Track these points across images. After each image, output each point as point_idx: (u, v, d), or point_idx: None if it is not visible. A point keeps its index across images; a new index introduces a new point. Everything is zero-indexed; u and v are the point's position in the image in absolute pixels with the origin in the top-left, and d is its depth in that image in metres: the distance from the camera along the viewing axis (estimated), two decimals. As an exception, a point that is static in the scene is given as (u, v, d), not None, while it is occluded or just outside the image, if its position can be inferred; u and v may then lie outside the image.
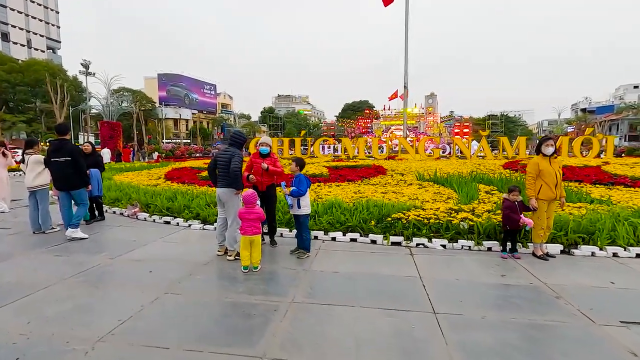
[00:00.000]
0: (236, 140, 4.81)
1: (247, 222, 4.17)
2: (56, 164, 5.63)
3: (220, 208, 4.85)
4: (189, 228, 6.47)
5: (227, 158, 4.62)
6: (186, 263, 4.52)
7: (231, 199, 4.65)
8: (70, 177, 5.67)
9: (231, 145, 4.79)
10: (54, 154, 5.63)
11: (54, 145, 5.72)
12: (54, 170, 5.72)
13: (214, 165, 4.84)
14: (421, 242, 5.30)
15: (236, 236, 4.70)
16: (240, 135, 4.87)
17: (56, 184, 5.75)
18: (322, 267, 4.41)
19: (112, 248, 5.19)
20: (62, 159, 5.60)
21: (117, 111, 28.04)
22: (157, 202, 7.31)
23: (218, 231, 4.89)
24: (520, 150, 16.17)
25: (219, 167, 4.72)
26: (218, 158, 4.76)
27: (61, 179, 5.68)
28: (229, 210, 4.68)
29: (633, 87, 79.39)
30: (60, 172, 5.64)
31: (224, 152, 4.73)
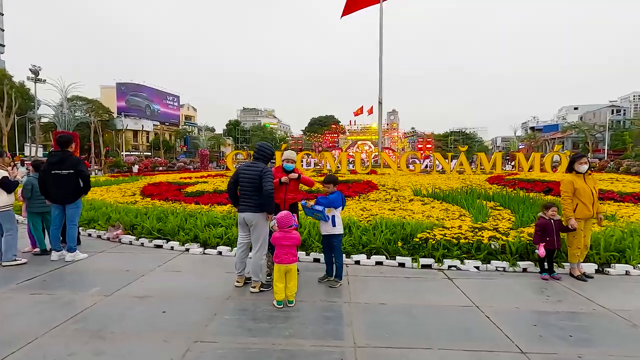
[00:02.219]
0: (263, 154, 4.20)
1: (283, 248, 3.59)
2: (57, 177, 5.13)
3: (242, 232, 4.21)
4: (187, 253, 5.68)
5: (254, 175, 4.02)
6: (204, 299, 3.81)
7: (260, 223, 4.04)
8: (70, 190, 5.22)
9: (257, 159, 4.18)
10: (55, 166, 5.14)
11: (57, 157, 5.21)
12: (52, 183, 5.14)
13: (235, 183, 4.20)
14: (453, 264, 4.95)
15: (262, 265, 4.09)
16: (267, 149, 4.26)
17: (52, 197, 5.20)
18: (364, 298, 3.89)
19: (103, 281, 4.34)
20: (64, 171, 5.15)
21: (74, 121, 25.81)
22: (144, 223, 6.42)
23: (238, 259, 4.23)
24: (497, 165, 16.70)
25: (243, 185, 4.09)
26: (242, 174, 4.13)
27: (60, 192, 5.18)
28: (255, 235, 4.05)
29: (573, 109, 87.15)
30: (61, 185, 5.16)
31: (249, 168, 4.11)
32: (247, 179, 4.06)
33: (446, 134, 77.11)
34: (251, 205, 4.03)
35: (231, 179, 4.26)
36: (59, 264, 5.02)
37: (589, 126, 57.20)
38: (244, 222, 4.11)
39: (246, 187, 4.07)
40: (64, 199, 5.19)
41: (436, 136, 75.99)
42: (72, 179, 5.19)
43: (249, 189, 4.05)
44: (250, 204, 4.03)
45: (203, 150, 49.43)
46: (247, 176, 4.06)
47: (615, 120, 58.42)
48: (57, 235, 5.26)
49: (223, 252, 5.58)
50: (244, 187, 4.09)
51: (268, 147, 4.29)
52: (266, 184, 3.94)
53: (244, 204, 4.09)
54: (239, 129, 74.76)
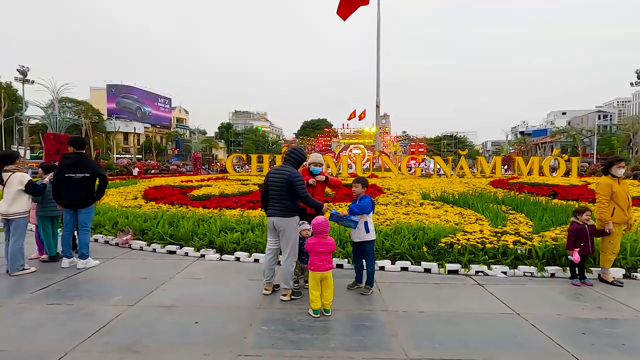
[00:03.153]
0: (294, 158, 4.03)
1: (318, 255, 3.45)
2: (71, 181, 4.91)
3: (272, 237, 4.05)
4: (202, 259, 5.48)
5: (283, 179, 3.86)
6: (234, 309, 3.64)
7: (289, 228, 3.88)
8: (84, 195, 5.00)
9: (287, 162, 4.02)
10: (69, 169, 4.90)
11: (72, 160, 4.97)
12: (66, 187, 4.91)
13: (267, 188, 4.04)
14: (480, 270, 4.86)
15: (292, 272, 3.93)
16: (299, 152, 4.10)
17: (65, 201, 4.97)
18: (399, 306, 3.77)
19: (122, 290, 4.12)
20: (79, 175, 4.93)
21: (65, 122, 25.21)
22: (155, 228, 6.19)
23: (267, 266, 4.06)
24: (497, 169, 16.81)
25: (272, 189, 3.93)
26: (271, 178, 3.98)
27: (74, 196, 4.95)
28: (285, 241, 3.89)
29: (561, 113, 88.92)
30: (75, 189, 4.93)
31: (278, 172, 3.96)
32: (276, 183, 3.91)
33: (437, 138, 77.83)
34: (281, 209, 3.87)
35: (264, 185, 4.10)
36: (71, 272, 4.78)
37: (577, 131, 58.44)
38: (273, 227, 3.95)
39: (275, 191, 3.92)
40: (77, 203, 4.96)
41: (428, 140, 76.70)
42: (86, 182, 4.97)
43: (277, 193, 3.89)
44: (280, 208, 3.88)
45: (196, 153, 48.83)
46: (276, 180, 3.91)
47: (602, 125, 59.83)
48: (69, 241, 5.02)
49: (241, 258, 5.40)
50: (273, 191, 3.93)
51: (300, 151, 4.13)
52: (299, 191, 3.81)
53: (273, 208, 3.93)
54: (231, 131, 74.14)
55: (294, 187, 3.81)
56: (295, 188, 3.80)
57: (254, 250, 5.52)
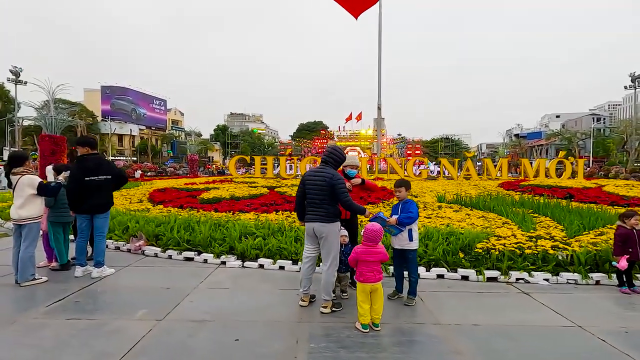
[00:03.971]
0: (334, 158, 3.73)
1: (367, 265, 3.16)
2: (91, 184, 4.58)
3: (310, 245, 3.75)
4: (223, 266, 5.16)
5: (324, 182, 3.57)
6: (273, 323, 3.34)
7: (332, 234, 3.60)
8: (103, 199, 4.72)
9: (326, 163, 3.72)
10: (91, 172, 4.58)
11: (93, 162, 4.65)
12: (86, 191, 4.56)
13: (304, 192, 3.75)
14: (521, 277, 4.61)
15: (334, 282, 3.64)
16: (339, 152, 3.80)
17: (84, 206, 4.61)
18: (449, 317, 3.49)
19: (145, 302, 3.80)
20: (102, 177, 4.64)
21: (62, 124, 24.58)
22: (170, 234, 5.85)
23: (304, 275, 3.76)
24: (503, 171, 16.67)
25: (311, 192, 3.65)
26: (309, 181, 3.69)
27: (93, 201, 4.62)
28: (326, 249, 3.60)
29: (555, 117, 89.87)
30: (95, 193, 4.60)
31: (317, 174, 3.66)
32: (316, 186, 3.62)
33: (433, 140, 77.95)
34: (322, 214, 3.58)
35: (299, 188, 3.81)
36: (85, 281, 4.43)
37: (571, 133, 58.90)
38: (313, 234, 3.66)
39: (315, 194, 3.63)
40: (95, 208, 4.64)
41: (423, 142, 76.84)
42: (107, 186, 4.69)
43: (318, 197, 3.61)
44: (321, 213, 3.59)
45: (192, 155, 48.21)
46: (316, 183, 3.62)
47: (595, 128, 60.43)
48: (84, 248, 4.67)
49: (265, 265, 5.09)
50: (313, 195, 3.64)
51: (339, 151, 3.83)
52: (341, 195, 3.53)
53: (313, 213, 3.64)
54: (228, 133, 73.54)
55: (335, 191, 3.53)
56: (337, 191, 3.52)
57: (278, 256, 5.22)
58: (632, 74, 45.75)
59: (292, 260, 5.13)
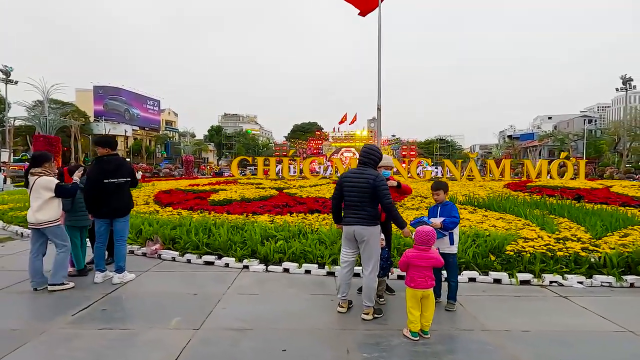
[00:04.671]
0: (372, 158, 3.57)
1: (419, 270, 3.04)
2: (111, 187, 4.37)
3: (348, 249, 3.61)
4: (246, 270, 4.99)
5: (366, 184, 3.43)
6: (316, 331, 3.20)
7: (374, 238, 3.47)
8: (124, 202, 4.56)
9: (365, 164, 3.57)
10: (110, 174, 4.38)
11: (113, 163, 4.46)
12: (105, 194, 4.35)
13: (341, 194, 3.62)
14: (554, 280, 4.53)
15: (376, 287, 3.51)
16: (377, 151, 3.65)
17: (102, 209, 4.41)
18: (495, 323, 3.39)
19: (176, 309, 3.62)
20: (122, 179, 4.46)
21: (56, 124, 24.16)
22: (188, 236, 5.66)
23: (342, 280, 3.62)
24: (506, 172, 16.73)
25: (352, 194, 3.51)
26: (348, 182, 3.55)
27: (113, 204, 4.42)
28: (368, 253, 3.47)
29: (547, 118, 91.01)
30: (115, 196, 4.41)
31: (358, 175, 3.52)
32: (358, 188, 3.48)
33: (427, 141, 78.36)
34: (364, 217, 3.45)
35: (336, 190, 3.66)
36: (107, 287, 4.24)
37: (564, 135, 59.68)
38: (353, 238, 3.52)
39: (355, 196, 3.49)
40: (115, 212, 4.46)
41: (418, 143, 77.23)
42: (127, 188, 4.56)
43: (359, 199, 3.47)
44: (363, 216, 3.45)
45: (188, 156, 47.80)
46: (358, 184, 3.49)
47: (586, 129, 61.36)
48: (103, 253, 4.48)
49: (290, 269, 4.94)
50: (353, 197, 3.51)
51: (378, 150, 3.68)
52: (384, 198, 3.39)
53: (354, 216, 3.50)
54: (222, 134, 73.01)
55: (378, 193, 3.40)
56: (380, 194, 3.39)
57: (303, 260, 5.07)
58: (624, 76, 46.51)
59: (318, 263, 4.99)
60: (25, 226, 7.50)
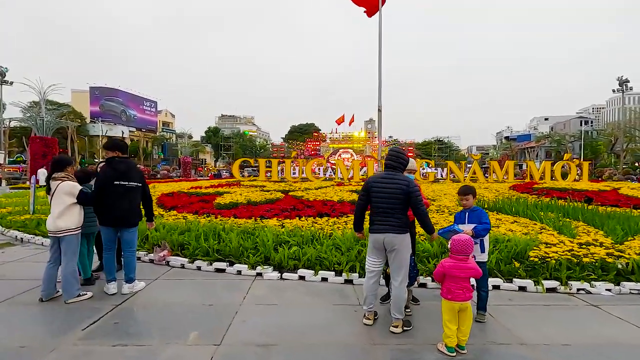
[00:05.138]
0: (401, 162, 3.42)
1: (457, 281, 2.87)
2: (121, 190, 4.09)
3: (375, 257, 3.43)
4: (260, 278, 4.80)
5: (399, 189, 3.26)
6: (346, 347, 3.01)
7: (405, 247, 3.30)
8: (135, 209, 4.27)
9: (394, 168, 3.39)
10: (121, 176, 4.09)
11: (124, 165, 4.16)
12: (113, 199, 4.04)
13: (367, 199, 3.44)
14: (582, 287, 4.37)
15: (406, 298, 3.34)
16: (404, 154, 3.50)
17: (110, 215, 4.09)
18: (531, 335, 3.22)
19: (192, 322, 3.42)
20: (132, 184, 4.16)
21: (53, 125, 23.78)
22: (197, 242, 5.46)
23: (368, 290, 3.44)
24: (509, 173, 16.64)
25: (381, 201, 3.34)
26: (376, 189, 3.38)
27: (123, 210, 4.11)
28: (398, 262, 3.29)
29: (544, 119, 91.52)
30: (124, 201, 4.11)
31: (388, 181, 3.34)
32: (388, 194, 3.30)
33: (425, 142, 78.47)
34: (394, 225, 3.28)
35: (362, 195, 3.49)
36: (117, 298, 4.02)
37: (560, 136, 59.94)
38: (382, 246, 3.35)
39: (386, 202, 3.32)
40: (122, 221, 4.15)
41: (415, 144, 77.29)
42: (137, 194, 4.25)
43: (390, 206, 3.30)
44: (393, 223, 3.28)
45: (185, 157, 47.48)
46: (388, 190, 3.31)
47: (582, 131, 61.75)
48: (114, 262, 4.26)
49: (306, 276, 4.75)
50: (382, 204, 3.33)
51: (405, 153, 3.54)
52: (419, 204, 3.26)
53: (383, 223, 3.32)
54: (220, 135, 72.61)
55: (412, 200, 3.24)
56: (414, 201, 3.24)
57: (318, 267, 4.89)
58: (620, 77, 46.79)
59: (335, 271, 4.80)
60: (25, 231, 7.25)
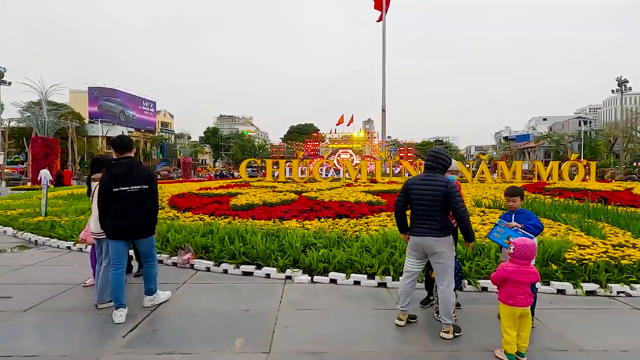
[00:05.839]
0: (441, 163, 3.31)
1: (519, 286, 2.76)
2: (123, 196, 3.50)
3: (414, 259, 3.35)
4: (290, 282, 4.68)
5: (438, 191, 3.15)
6: (400, 354, 2.92)
7: (449, 250, 3.21)
8: (141, 217, 3.61)
9: (433, 169, 3.29)
10: (120, 181, 3.51)
11: (122, 167, 3.56)
12: (117, 207, 3.51)
13: (406, 202, 3.35)
14: (622, 290, 4.29)
15: (455, 302, 3.23)
16: (446, 155, 3.38)
17: (116, 227, 3.54)
18: (587, 341, 3.13)
19: (232, 329, 3.31)
20: (134, 187, 3.53)
21: (55, 126, 23.55)
22: (223, 245, 5.33)
23: (404, 290, 3.36)
24: (517, 174, 16.60)
25: (420, 203, 3.25)
26: (415, 190, 3.28)
27: (128, 220, 3.53)
28: (443, 265, 3.19)
29: (542, 119, 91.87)
30: (128, 209, 3.52)
31: (427, 182, 3.24)
32: (427, 196, 3.20)
33: (424, 143, 78.53)
34: (434, 228, 3.18)
35: (400, 196, 3.40)
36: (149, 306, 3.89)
37: (559, 136, 60.17)
38: (422, 249, 3.26)
39: (425, 205, 3.22)
40: (132, 231, 3.60)
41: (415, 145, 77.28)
42: (145, 198, 3.60)
43: (429, 208, 3.20)
44: (433, 226, 3.18)
45: (186, 158, 47.24)
46: (427, 192, 3.21)
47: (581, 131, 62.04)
48: (123, 283, 3.60)
49: (338, 280, 4.64)
50: (421, 206, 3.24)
51: (445, 154, 3.42)
52: (458, 205, 3.11)
53: (423, 226, 3.24)
54: (220, 136, 72.37)
55: (451, 201, 3.11)
56: (453, 201, 3.10)
57: (350, 270, 4.78)
58: (619, 77, 47.02)
59: (367, 274, 4.69)
60: (39, 233, 7.10)
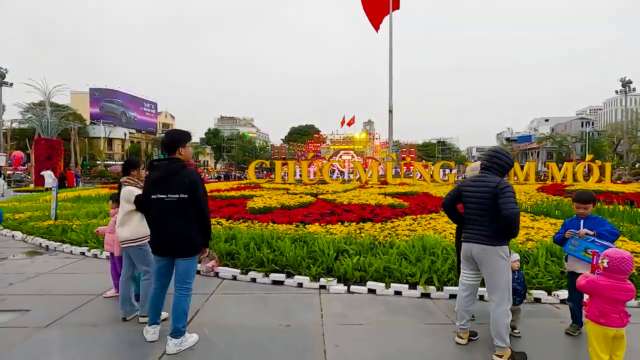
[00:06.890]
0: (498, 163, 2.92)
1: (612, 304, 2.44)
2: (160, 205, 2.91)
3: (468, 269, 3.05)
4: (325, 292, 4.37)
5: (485, 192, 2.83)
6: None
7: (496, 261, 2.82)
8: (179, 232, 2.91)
9: (487, 169, 2.94)
10: (157, 187, 2.92)
11: (160, 170, 2.95)
12: (155, 217, 2.97)
13: (454, 201, 3.10)
14: (683, 301, 3.99)
15: (509, 324, 2.86)
16: (505, 156, 2.99)
17: (157, 240, 2.99)
18: (674, 362, 2.82)
19: (279, 347, 2.99)
20: (172, 196, 2.88)
21: (58, 127, 23.25)
22: (250, 252, 5.02)
23: (461, 306, 3.05)
24: (531, 175, 16.31)
25: (468, 206, 2.98)
26: (467, 192, 2.99)
27: (169, 235, 2.92)
28: (492, 279, 2.86)
29: (544, 120, 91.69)
30: (164, 220, 2.92)
31: (477, 183, 2.94)
32: (477, 199, 2.90)
33: (425, 144, 78.29)
34: (481, 234, 2.86)
35: (449, 195, 3.16)
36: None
37: (562, 137, 59.97)
38: (471, 257, 2.95)
39: (473, 209, 2.93)
40: (173, 246, 2.95)
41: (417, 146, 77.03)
42: (184, 209, 2.91)
43: (476, 212, 2.91)
44: (481, 232, 2.86)
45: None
46: (476, 194, 2.91)
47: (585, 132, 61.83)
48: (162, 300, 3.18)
49: (377, 290, 4.32)
50: (471, 209, 2.95)
51: (506, 155, 3.02)
52: (509, 201, 2.70)
53: (472, 231, 2.94)
54: (220, 137, 72.08)
55: (500, 199, 2.73)
56: (502, 199, 2.71)
57: (388, 279, 4.47)
58: (623, 78, 46.83)
59: (408, 283, 4.38)
60: (50, 238, 6.78)
